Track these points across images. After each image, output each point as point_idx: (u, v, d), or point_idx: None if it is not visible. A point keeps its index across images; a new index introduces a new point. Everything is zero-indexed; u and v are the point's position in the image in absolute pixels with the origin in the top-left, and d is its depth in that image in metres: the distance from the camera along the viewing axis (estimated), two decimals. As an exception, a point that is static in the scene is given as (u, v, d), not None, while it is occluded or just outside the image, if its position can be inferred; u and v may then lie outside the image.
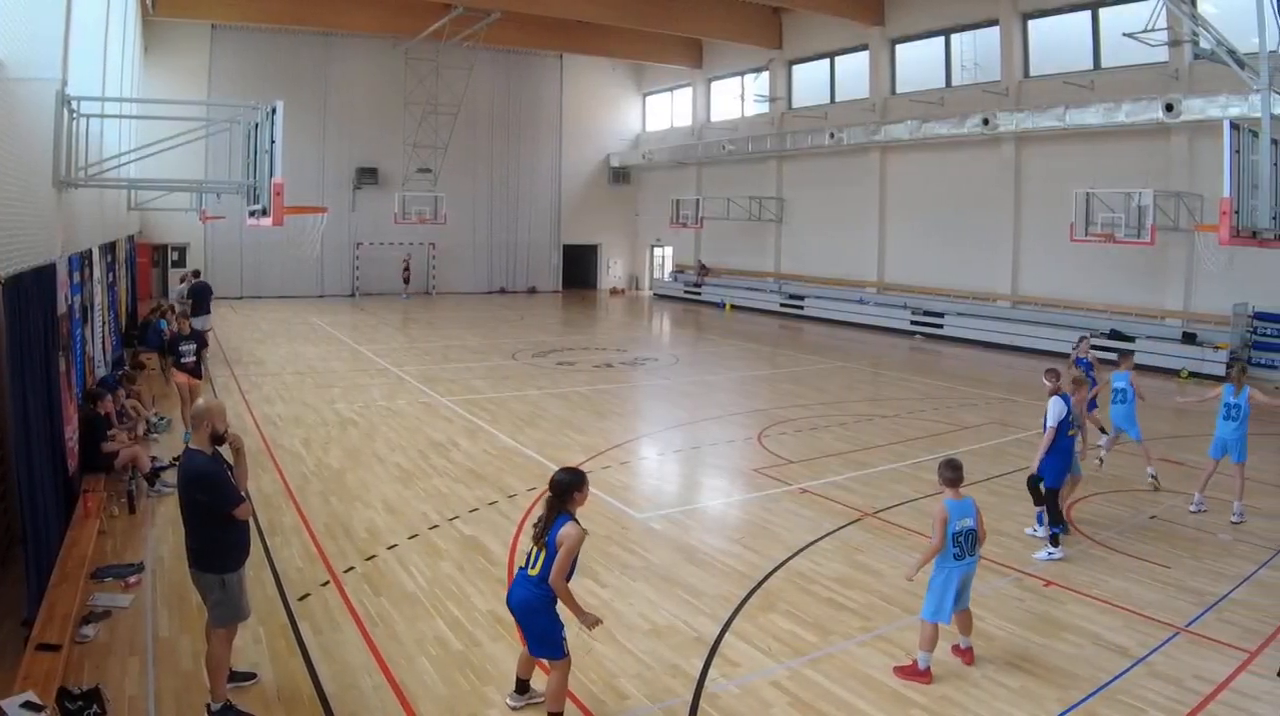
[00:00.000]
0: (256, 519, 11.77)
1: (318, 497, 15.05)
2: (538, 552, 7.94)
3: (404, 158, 51.04)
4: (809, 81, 48.63)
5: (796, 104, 49.17)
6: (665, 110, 60.82)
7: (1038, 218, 35.78)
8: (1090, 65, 33.96)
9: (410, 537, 13.16)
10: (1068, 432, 13.46)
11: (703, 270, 55.51)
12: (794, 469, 17.50)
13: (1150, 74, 30.77)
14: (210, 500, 8.05)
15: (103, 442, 14.61)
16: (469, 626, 10.27)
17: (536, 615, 7.98)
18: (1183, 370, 29.04)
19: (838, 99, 46.27)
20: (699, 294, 53.82)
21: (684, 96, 58.71)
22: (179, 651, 9.47)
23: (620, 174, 61.89)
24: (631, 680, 9.15)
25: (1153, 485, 16.43)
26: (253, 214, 16.81)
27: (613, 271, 62.93)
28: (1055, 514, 13.31)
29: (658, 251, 62.09)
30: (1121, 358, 18.47)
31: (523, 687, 8.57)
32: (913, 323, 39.52)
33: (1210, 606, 11.10)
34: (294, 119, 25.60)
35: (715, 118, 55.86)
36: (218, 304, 33.47)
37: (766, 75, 50.16)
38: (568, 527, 7.86)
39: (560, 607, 8.04)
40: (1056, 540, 13.08)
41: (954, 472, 9.66)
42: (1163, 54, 29.62)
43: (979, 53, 39.19)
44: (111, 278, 25.00)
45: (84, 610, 9.99)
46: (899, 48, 42.71)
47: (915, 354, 34.40)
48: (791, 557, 12.67)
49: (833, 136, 42.95)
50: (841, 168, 45.45)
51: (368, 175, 51.66)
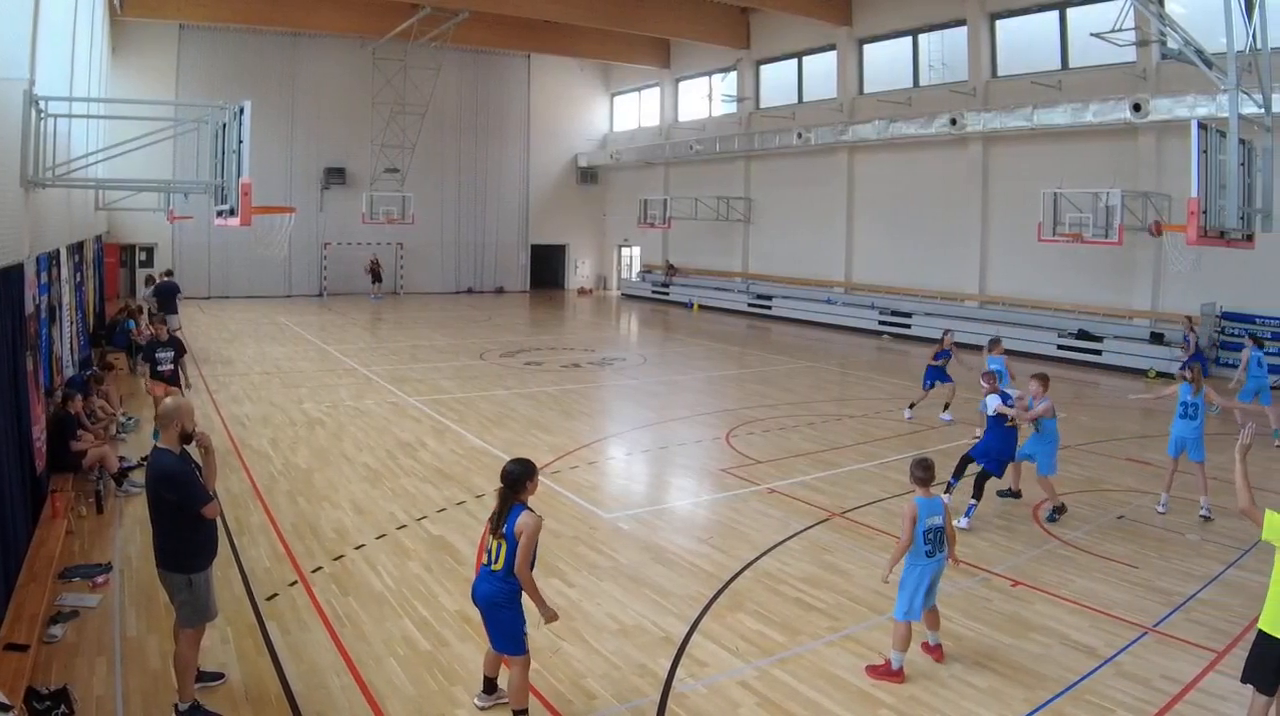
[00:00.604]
0: (224, 519, 11.75)
1: (285, 497, 15.03)
2: (498, 547, 7.96)
3: (371, 158, 50.96)
4: (777, 81, 48.76)
5: (764, 104, 49.28)
6: (633, 110, 60.86)
7: (1005, 218, 35.90)
8: (1058, 65, 34.09)
9: (378, 537, 13.13)
10: (1006, 422, 14.48)
11: (670, 270, 55.58)
12: (762, 469, 17.51)
13: (1118, 74, 30.89)
14: (178, 499, 8.01)
15: (71, 442, 14.58)
16: (437, 626, 10.27)
17: (501, 609, 7.99)
18: (1150, 370, 29.17)
19: (805, 99, 46.38)
20: (667, 294, 53.86)
21: (652, 96, 58.75)
22: (147, 651, 9.44)
23: (588, 174, 61.89)
24: (599, 680, 9.15)
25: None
26: (220, 214, 16.76)
27: (580, 271, 62.96)
28: (958, 471, 15.16)
29: (625, 251, 62.15)
30: (991, 343, 19.91)
31: (490, 687, 8.57)
32: (880, 323, 39.57)
33: (1178, 606, 11.15)
34: (261, 119, 25.56)
35: (683, 118, 55.94)
36: (186, 304, 33.29)
37: (734, 75, 50.26)
38: (524, 516, 7.90)
39: (524, 603, 8.07)
40: (950, 489, 14.76)
41: (925, 472, 9.75)
42: (1130, 54, 29.76)
43: (946, 53, 39.34)
44: (79, 278, 24.90)
45: (52, 610, 9.97)
46: (866, 48, 42.78)
47: (883, 354, 34.47)
48: (759, 557, 12.67)
49: (800, 137, 42.96)
50: (809, 168, 45.52)
51: (335, 175, 51.56)
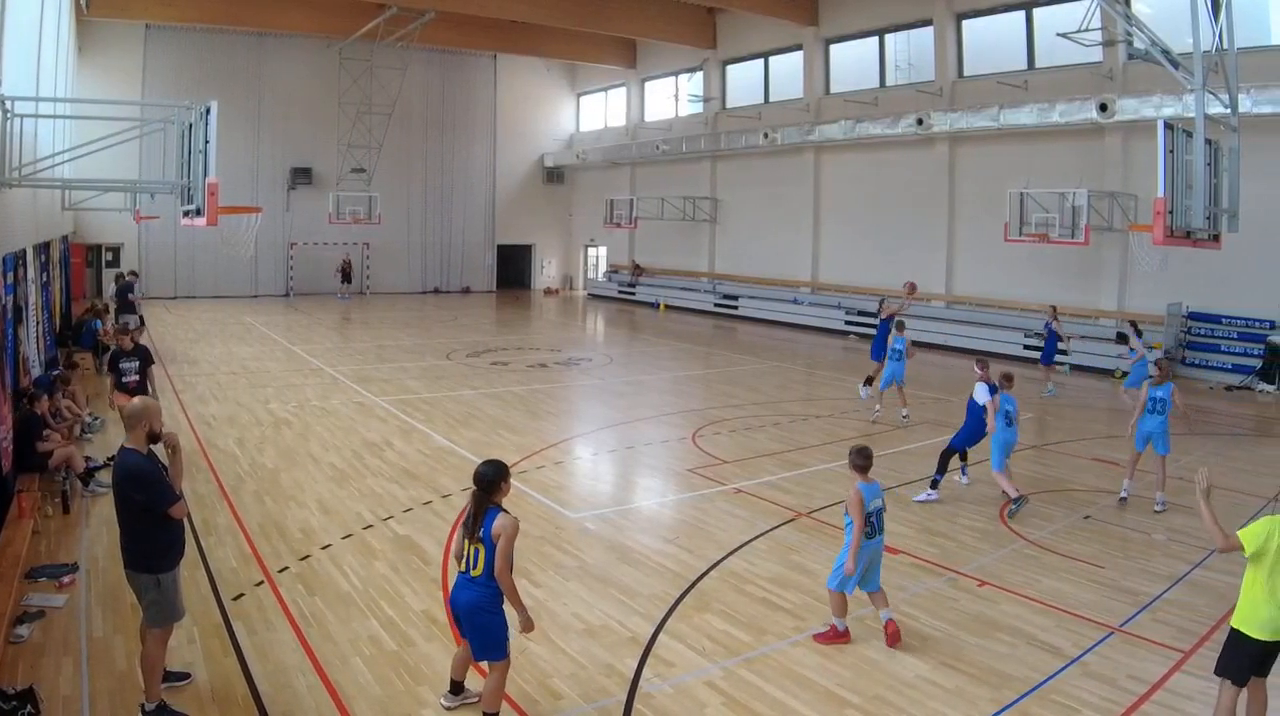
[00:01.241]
0: (191, 519, 11.70)
1: (252, 497, 14.99)
2: (475, 552, 7.92)
3: (338, 158, 50.87)
4: (743, 81, 48.83)
5: (731, 104, 49.35)
6: (599, 110, 60.88)
7: (972, 218, 36.04)
8: (1024, 65, 34.22)
9: (344, 537, 13.11)
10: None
11: (637, 270, 55.63)
12: (728, 469, 17.54)
13: (1084, 74, 31.02)
14: (146, 499, 7.99)
15: (37, 443, 14.53)
16: (403, 626, 10.24)
17: (485, 615, 7.95)
18: (1116, 370, 29.16)
19: (772, 99, 46.47)
20: (633, 294, 53.93)
21: (618, 96, 58.79)
22: (113, 651, 9.41)
23: (554, 174, 61.94)
24: (566, 680, 9.15)
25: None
26: (187, 214, 16.74)
27: (547, 271, 63.02)
28: (942, 464, 15.61)
29: (592, 251, 62.22)
30: (897, 325, 21.65)
31: (457, 688, 8.56)
32: (847, 323, 39.65)
33: (1144, 606, 11.18)
34: (228, 119, 25.49)
35: (649, 118, 55.96)
36: (153, 304, 33.12)
37: (701, 75, 50.33)
38: (501, 519, 7.87)
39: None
40: (936, 485, 15.42)
41: (864, 460, 10.24)
42: (1097, 54, 29.86)
43: (913, 53, 39.39)
44: (46, 278, 24.82)
45: (18, 610, 9.95)
46: (833, 48, 42.87)
47: (849, 354, 34.46)
48: (726, 557, 12.68)
49: (767, 137, 43.00)
50: (776, 168, 45.61)
51: (302, 175, 51.47)
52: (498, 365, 29.42)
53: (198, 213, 16.01)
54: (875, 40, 40.69)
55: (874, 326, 31.99)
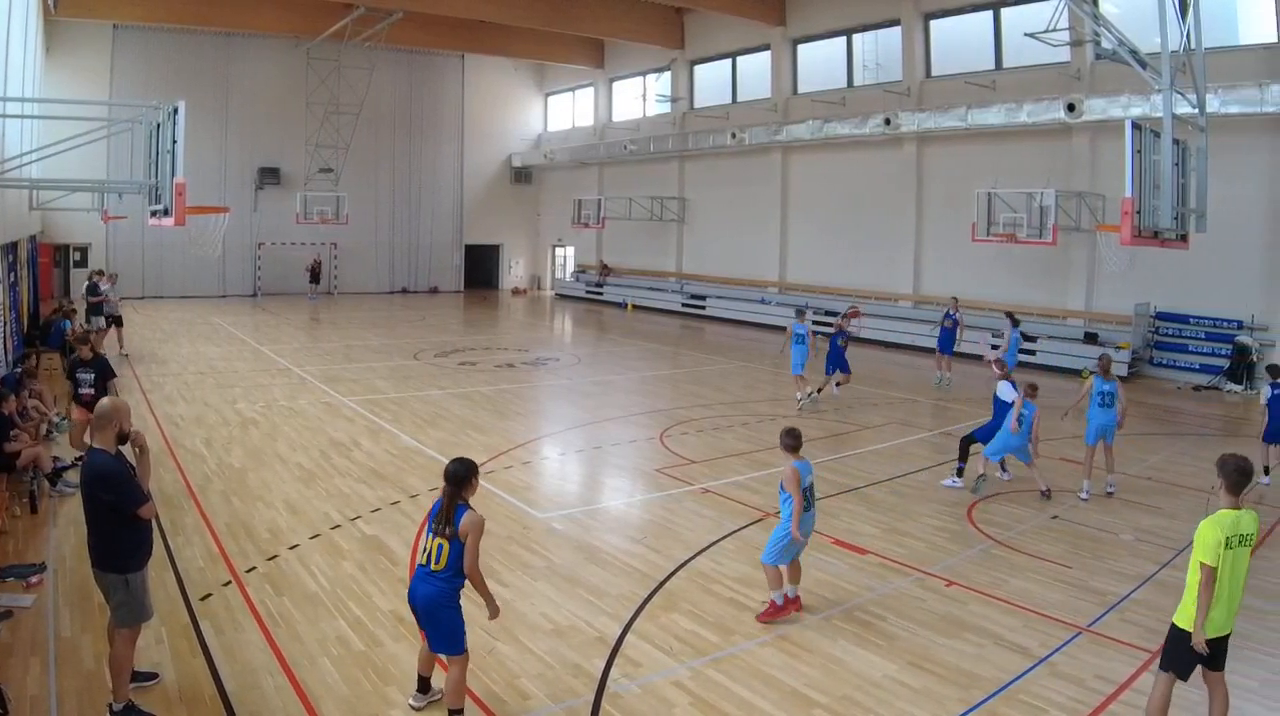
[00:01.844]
0: (158, 519, 11.64)
1: (219, 497, 14.94)
2: (439, 547, 7.93)
3: (306, 158, 50.81)
4: (711, 81, 48.93)
5: (698, 104, 49.44)
6: (567, 110, 60.94)
7: (940, 218, 36.18)
8: (992, 65, 34.35)
9: (312, 537, 13.08)
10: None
11: (604, 270, 55.68)
12: (696, 468, 17.54)
13: (1052, 74, 31.15)
14: (114, 499, 7.97)
15: (5, 442, 14.45)
16: (371, 626, 10.23)
17: (443, 609, 7.98)
18: (1084, 370, 28.94)
19: (739, 99, 46.58)
20: (601, 294, 53.96)
21: (586, 96, 58.84)
22: (81, 651, 9.37)
23: (522, 174, 62.00)
24: (533, 680, 9.14)
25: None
26: (155, 214, 16.68)
27: (515, 271, 63.09)
28: (962, 453, 16.26)
29: (560, 251, 62.27)
30: (799, 312, 23.48)
31: (424, 686, 8.56)
32: (814, 323, 39.37)
33: (1112, 606, 11.21)
34: (196, 119, 25.41)
35: (617, 118, 56.02)
36: (120, 304, 32.87)
37: (668, 75, 50.41)
38: (469, 516, 7.91)
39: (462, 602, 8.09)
40: (961, 472, 16.05)
41: (795, 440, 10.70)
42: (1064, 54, 30.00)
43: (881, 53, 39.43)
44: (13, 278, 24.69)
45: (-16, 610, 9.88)
46: (801, 48, 42.97)
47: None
48: (693, 557, 12.68)
49: (734, 137, 43.03)
50: (743, 168, 45.70)
51: (269, 175, 51.40)
52: (465, 365, 29.41)
53: (165, 212, 15.95)
54: (843, 40, 40.77)
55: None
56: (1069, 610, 11.08)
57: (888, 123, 35.37)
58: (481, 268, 61.38)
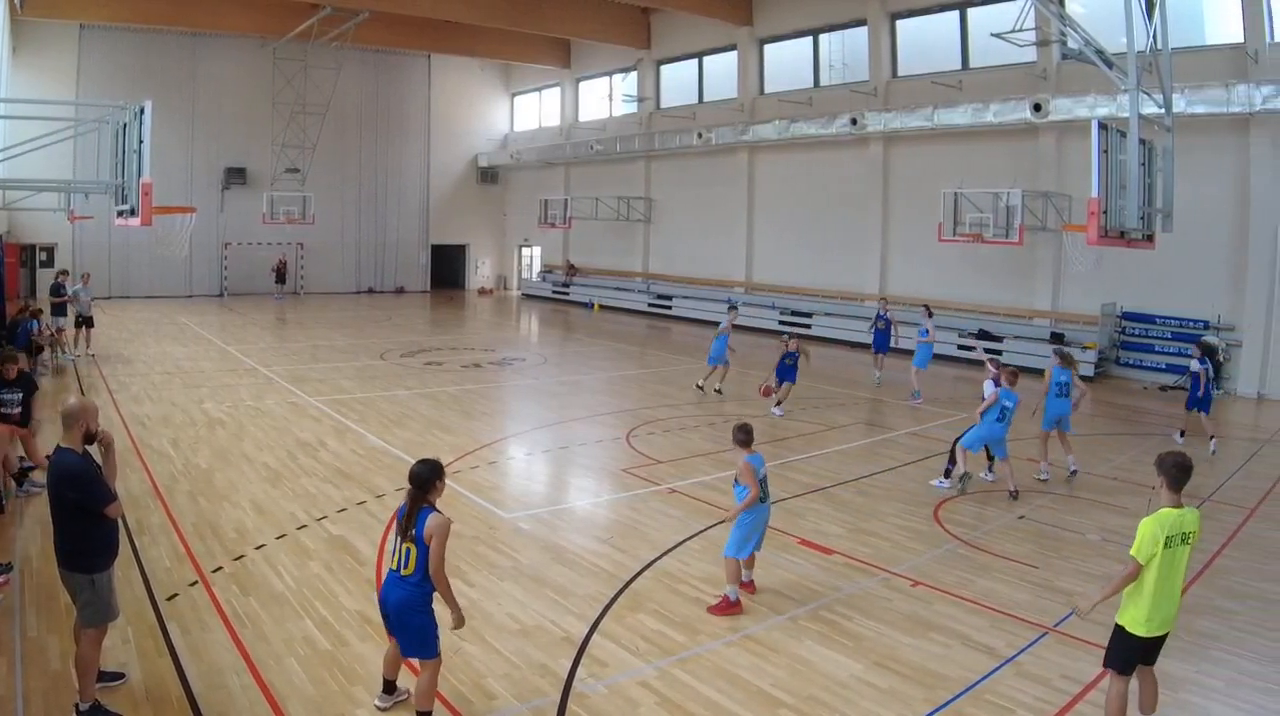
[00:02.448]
0: (125, 519, 11.57)
1: (186, 497, 14.87)
2: (407, 551, 7.89)
3: (272, 158, 50.68)
4: (677, 82, 48.97)
5: (665, 104, 49.48)
6: (533, 110, 60.99)
7: (906, 218, 36.25)
8: (959, 65, 34.44)
9: (278, 538, 13.03)
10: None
11: (571, 270, 55.72)
12: (662, 469, 17.53)
13: (1018, 74, 31.29)
14: (81, 498, 7.95)
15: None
16: (337, 626, 10.19)
17: (415, 614, 7.93)
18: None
19: (706, 99, 46.64)
20: (567, 294, 53.99)
21: (552, 96, 58.86)
22: (47, 651, 9.31)
23: (488, 174, 62.02)
24: (499, 680, 9.12)
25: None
26: (121, 214, 16.64)
27: (481, 271, 63.09)
28: (952, 456, 16.11)
29: (526, 251, 62.32)
30: (730, 308, 23.52)
31: (390, 687, 8.53)
32: (781, 323, 39.39)
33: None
34: (162, 119, 25.30)
35: (584, 118, 56.00)
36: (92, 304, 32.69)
37: (635, 75, 50.47)
38: (434, 519, 7.84)
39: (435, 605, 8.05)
40: (948, 473, 16.04)
41: (746, 435, 11.35)
42: (1031, 54, 30.11)
43: (847, 53, 39.47)
44: (-22, 278, 24.53)
45: (-50, 611, 9.81)
46: (767, 48, 43.04)
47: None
48: (660, 557, 12.68)
49: (701, 137, 43.15)
50: (710, 168, 45.77)
51: (236, 175, 51.26)
52: (432, 365, 29.37)
53: (132, 212, 15.93)
54: (809, 40, 40.83)
55: (806, 326, 32.35)
56: (1035, 610, 11.09)
57: (854, 123, 35.51)
58: (448, 268, 61.38)
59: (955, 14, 34.51)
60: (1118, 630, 7.86)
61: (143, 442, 18.31)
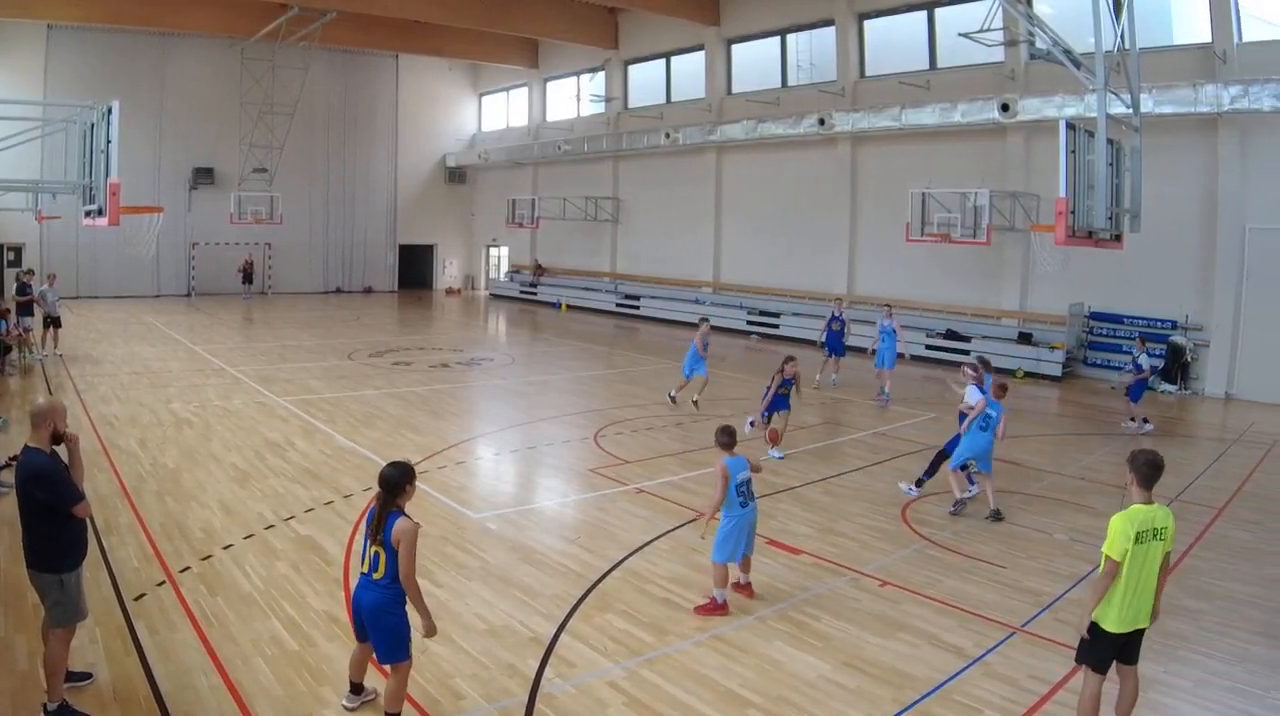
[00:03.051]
0: (93, 519, 11.50)
1: (154, 497, 14.81)
2: (376, 554, 7.88)
3: (240, 158, 50.52)
4: (645, 82, 49.02)
5: (633, 104, 49.54)
6: (501, 110, 61.02)
7: (874, 218, 36.31)
8: (926, 65, 34.52)
9: (246, 538, 12.99)
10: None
11: (539, 270, 55.76)
12: (630, 469, 17.54)
13: (986, 74, 31.37)
14: (49, 498, 7.93)
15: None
16: (305, 626, 10.17)
17: (388, 616, 7.92)
18: (1018, 370, 29.54)
19: (674, 99, 46.69)
20: (535, 294, 54.05)
21: (520, 96, 58.92)
22: (16, 651, 9.28)
23: (456, 174, 62.07)
24: (467, 680, 9.11)
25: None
26: (89, 214, 16.61)
27: (449, 271, 63.11)
28: (932, 468, 15.84)
29: (494, 251, 62.37)
30: (701, 321, 23.41)
31: (357, 688, 8.53)
32: (749, 323, 39.82)
33: (1046, 606, 11.25)
34: (130, 119, 25.27)
35: (551, 118, 56.04)
36: (60, 305, 32.53)
37: (603, 75, 50.53)
38: (401, 523, 7.81)
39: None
40: (920, 482, 15.78)
41: (728, 437, 11.13)
42: (999, 54, 30.16)
43: (815, 53, 39.55)
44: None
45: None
46: (735, 48, 43.10)
47: (751, 354, 34.53)
48: (627, 557, 12.68)
49: (668, 137, 43.20)
50: (677, 168, 45.82)
51: (204, 175, 51.18)
52: (400, 365, 29.34)
53: (100, 212, 15.91)
54: (777, 40, 40.89)
55: (774, 326, 32.39)
56: (1003, 610, 11.12)
57: (822, 123, 35.56)
58: (416, 268, 61.39)
59: (923, 14, 34.56)
60: (1091, 626, 7.86)
61: (110, 443, 18.24)
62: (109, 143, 15.66)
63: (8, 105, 29.07)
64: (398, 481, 7.98)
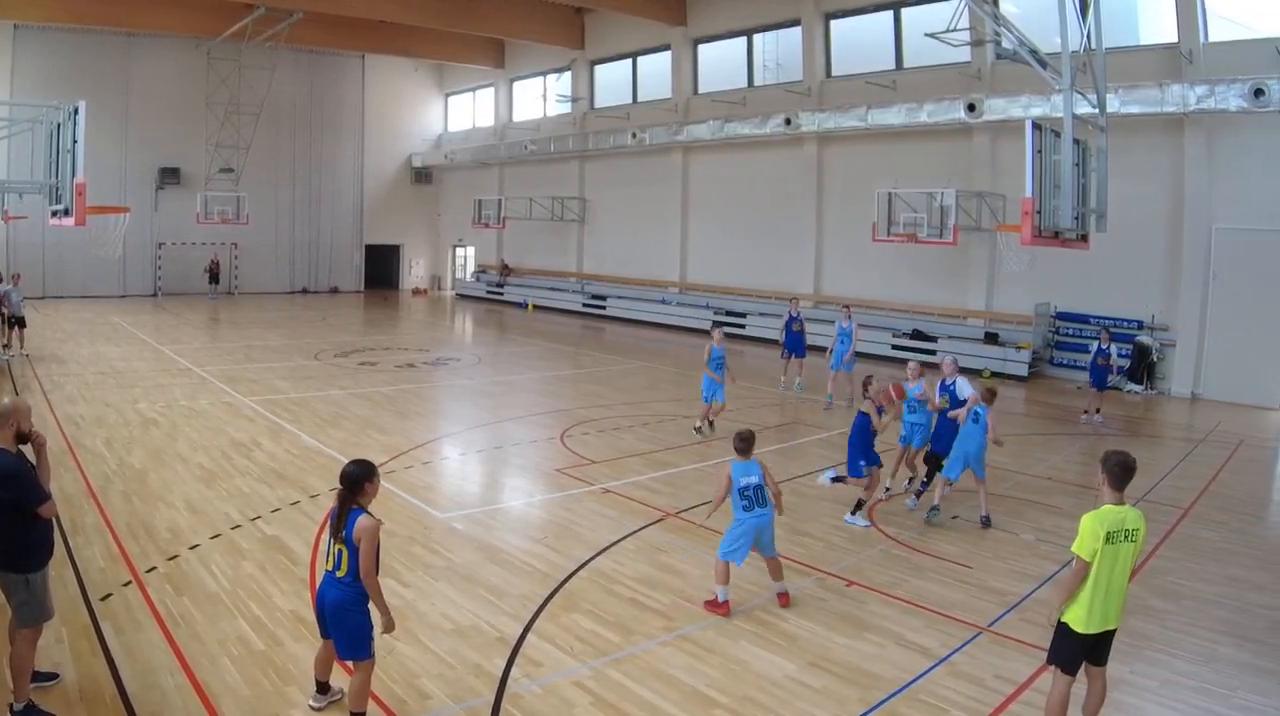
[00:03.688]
0: (59, 519, 11.44)
1: (120, 497, 14.76)
2: (340, 552, 7.87)
3: (206, 158, 50.46)
4: (611, 82, 49.08)
5: (599, 104, 49.59)
6: (467, 110, 61.04)
7: (840, 218, 36.43)
8: (893, 65, 34.59)
9: (212, 537, 12.94)
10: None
11: (505, 270, 55.81)
12: (596, 469, 17.54)
13: (952, 74, 31.43)
14: (15, 498, 7.87)
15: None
16: (271, 626, 10.14)
17: (350, 614, 7.91)
18: (985, 370, 29.61)
19: (640, 99, 46.77)
20: (501, 294, 54.07)
21: (486, 96, 58.93)
22: (-19, 651, 9.26)
23: (422, 174, 62.11)
24: (434, 680, 9.10)
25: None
26: (55, 214, 16.57)
27: (415, 272, 63.15)
28: (928, 474, 15.50)
29: (460, 251, 62.40)
30: (714, 326, 23.58)
31: (323, 688, 8.51)
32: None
33: (1012, 606, 11.28)
34: (96, 119, 25.12)
35: (518, 118, 56.08)
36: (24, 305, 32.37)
37: (569, 75, 50.55)
38: (363, 521, 7.79)
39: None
40: (919, 494, 15.33)
41: (744, 443, 11.21)
42: (965, 54, 30.26)
43: (781, 53, 39.65)
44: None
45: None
46: (701, 48, 43.16)
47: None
48: (594, 557, 12.68)
49: (635, 137, 43.33)
50: (644, 168, 45.90)
51: (170, 175, 51.09)
52: (366, 365, 29.32)
53: (66, 212, 15.90)
54: (744, 40, 40.98)
55: (740, 326, 32.40)
56: (969, 610, 11.15)
57: (788, 123, 35.70)
58: (382, 268, 61.42)
59: (889, 14, 34.65)
60: (1060, 626, 7.88)
61: (77, 442, 18.17)
62: (75, 142, 15.65)
63: (-27, 106, 28.97)
64: (359, 478, 7.96)
